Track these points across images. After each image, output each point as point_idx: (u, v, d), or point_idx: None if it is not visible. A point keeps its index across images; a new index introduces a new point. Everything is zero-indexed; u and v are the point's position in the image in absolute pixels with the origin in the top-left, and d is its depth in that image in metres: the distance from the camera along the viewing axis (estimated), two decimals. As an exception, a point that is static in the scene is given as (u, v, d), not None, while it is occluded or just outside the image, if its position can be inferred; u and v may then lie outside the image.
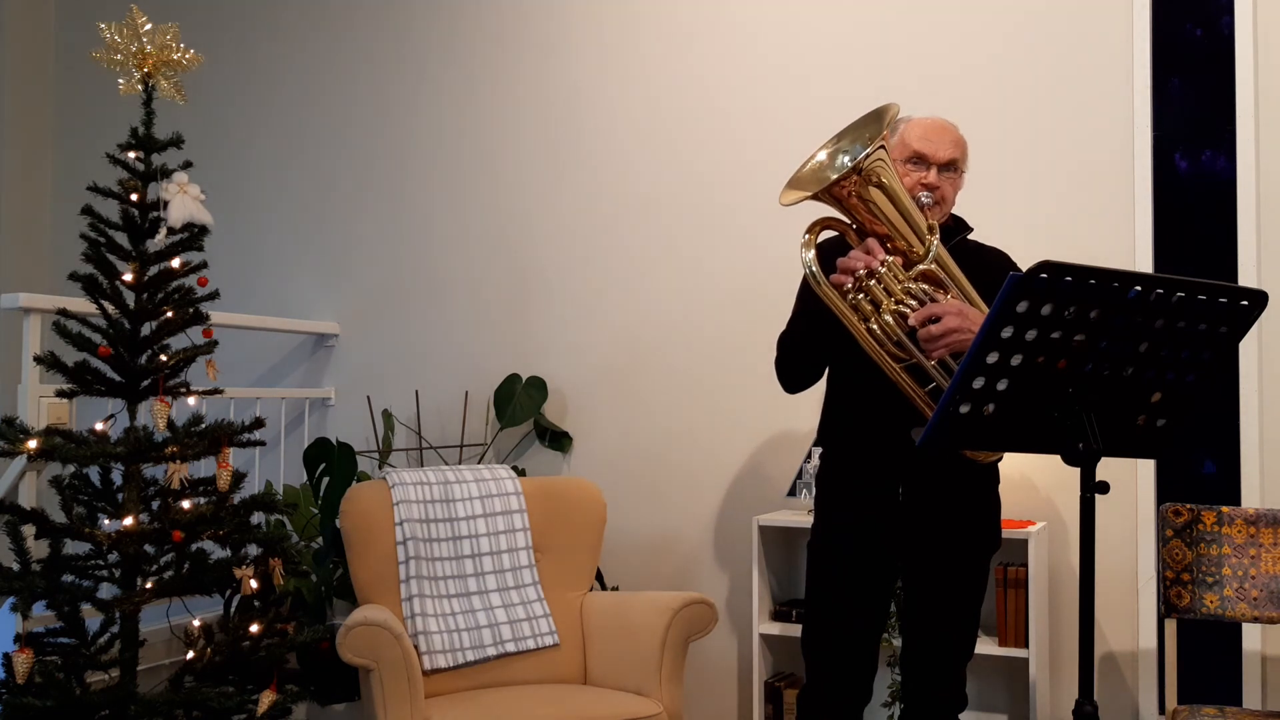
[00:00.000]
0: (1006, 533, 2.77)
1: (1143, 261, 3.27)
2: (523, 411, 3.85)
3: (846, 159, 2.21)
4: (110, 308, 2.65)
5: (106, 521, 2.68)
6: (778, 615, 3.40)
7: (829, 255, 2.31)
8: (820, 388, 2.58)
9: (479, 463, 3.95)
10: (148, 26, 2.70)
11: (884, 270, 2.22)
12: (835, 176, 2.19)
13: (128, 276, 2.67)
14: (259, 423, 2.79)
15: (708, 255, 3.81)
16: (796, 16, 3.72)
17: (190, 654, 2.67)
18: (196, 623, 2.75)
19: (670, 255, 3.86)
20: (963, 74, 3.50)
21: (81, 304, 2.75)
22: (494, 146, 4.16)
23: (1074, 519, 3.30)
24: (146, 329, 2.69)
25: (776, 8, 3.75)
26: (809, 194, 2.23)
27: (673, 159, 3.88)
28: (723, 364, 3.77)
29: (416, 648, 2.99)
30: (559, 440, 3.93)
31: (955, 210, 2.52)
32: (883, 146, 2.19)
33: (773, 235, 3.67)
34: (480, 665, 3.08)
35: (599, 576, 3.52)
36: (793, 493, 3.44)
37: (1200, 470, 3.24)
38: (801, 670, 2.95)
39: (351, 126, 4.42)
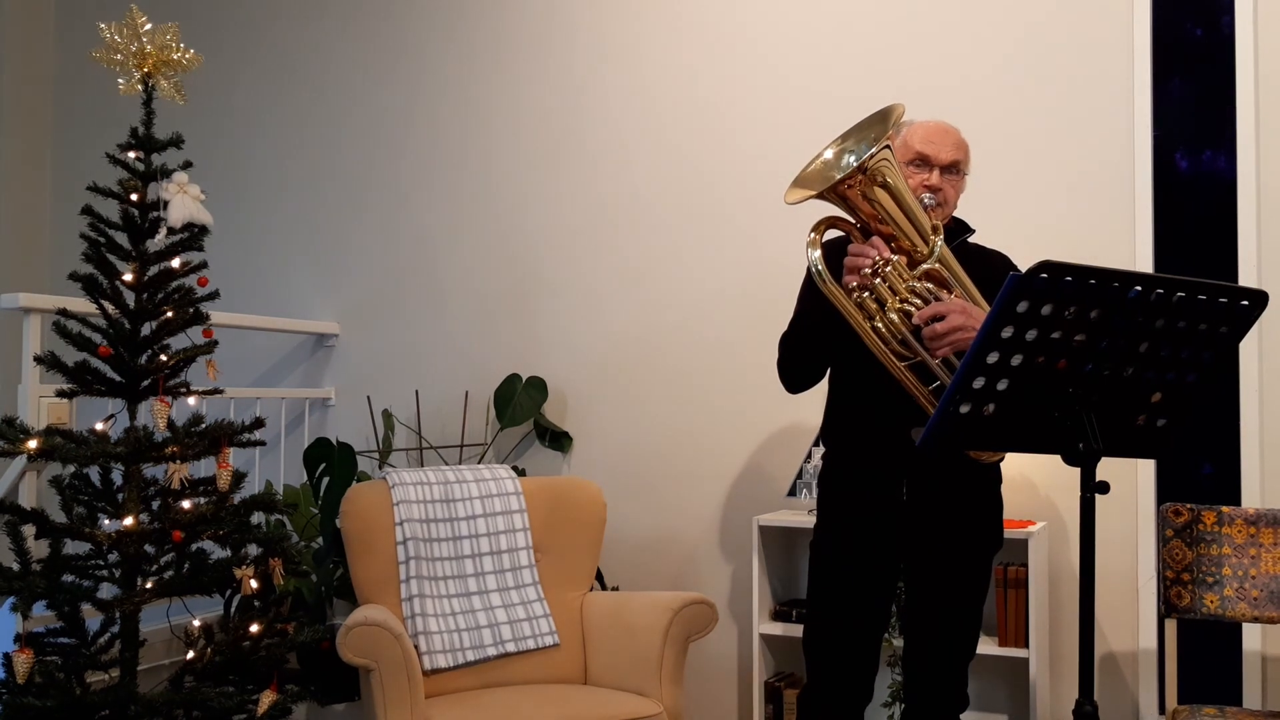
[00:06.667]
0: (1007, 533, 2.77)
1: (1143, 261, 3.27)
2: (523, 411, 3.85)
3: (852, 158, 2.21)
4: (110, 308, 2.65)
5: (106, 521, 2.67)
6: (778, 615, 3.40)
7: (833, 255, 2.31)
8: (822, 387, 2.58)
9: (479, 463, 3.95)
10: (148, 26, 2.70)
11: (889, 269, 2.23)
12: (840, 175, 2.20)
13: (128, 276, 2.67)
14: (259, 423, 2.79)
15: (708, 255, 3.81)
16: (798, 18, 3.72)
17: (190, 654, 2.67)
18: (196, 623, 2.75)
19: (671, 255, 3.86)
20: (963, 73, 3.49)
21: (81, 304, 2.75)
22: (494, 146, 4.16)
23: (1074, 519, 3.30)
24: (146, 329, 2.69)
25: (779, 10, 3.75)
26: (814, 193, 2.23)
27: (673, 159, 3.87)
28: (723, 364, 3.77)
29: (416, 648, 2.99)
30: (559, 440, 3.93)
31: (956, 213, 2.52)
32: (888, 146, 2.19)
33: (774, 235, 3.67)
34: (480, 665, 3.08)
35: (599, 576, 3.52)
36: (793, 493, 3.44)
37: (1200, 470, 3.24)
38: (802, 670, 2.95)
39: (352, 126, 4.42)
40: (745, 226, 3.75)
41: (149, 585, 2.60)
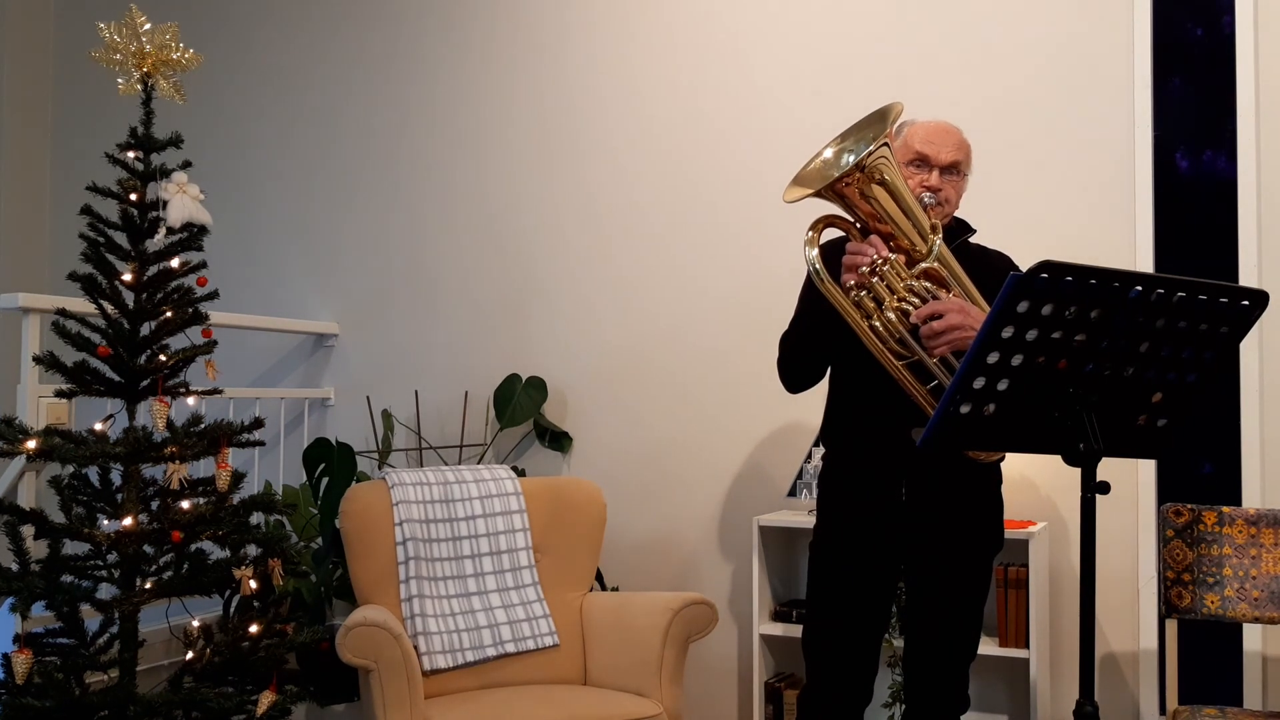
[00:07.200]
0: (1007, 533, 2.76)
1: (1144, 261, 3.27)
2: (523, 411, 3.85)
3: (851, 157, 2.21)
4: (109, 308, 2.64)
5: (106, 522, 2.67)
6: (778, 615, 3.40)
7: (831, 256, 2.31)
8: (822, 388, 2.58)
9: (479, 463, 3.95)
10: (147, 26, 2.69)
11: (886, 267, 2.23)
12: (839, 173, 2.20)
13: (127, 276, 2.67)
14: (258, 423, 2.79)
15: (708, 254, 3.81)
16: (793, 22, 3.72)
17: (189, 654, 2.67)
18: (196, 623, 2.74)
19: (670, 254, 3.86)
20: (963, 75, 3.49)
21: (80, 304, 2.75)
22: (494, 147, 4.15)
23: (1075, 519, 3.29)
24: (146, 329, 2.69)
25: (774, 16, 3.75)
26: (812, 191, 2.23)
27: (672, 159, 3.87)
28: (723, 364, 3.76)
29: (416, 648, 2.98)
30: (559, 440, 3.93)
31: (958, 213, 2.52)
32: (886, 144, 2.19)
33: (772, 234, 3.66)
34: (480, 665, 3.08)
35: (599, 577, 3.51)
36: (793, 493, 3.44)
37: (1201, 470, 3.24)
38: (802, 671, 2.95)
39: (351, 127, 4.42)
40: (744, 225, 3.75)
41: (148, 586, 2.60)
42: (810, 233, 2.27)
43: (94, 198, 2.66)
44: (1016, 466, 3.29)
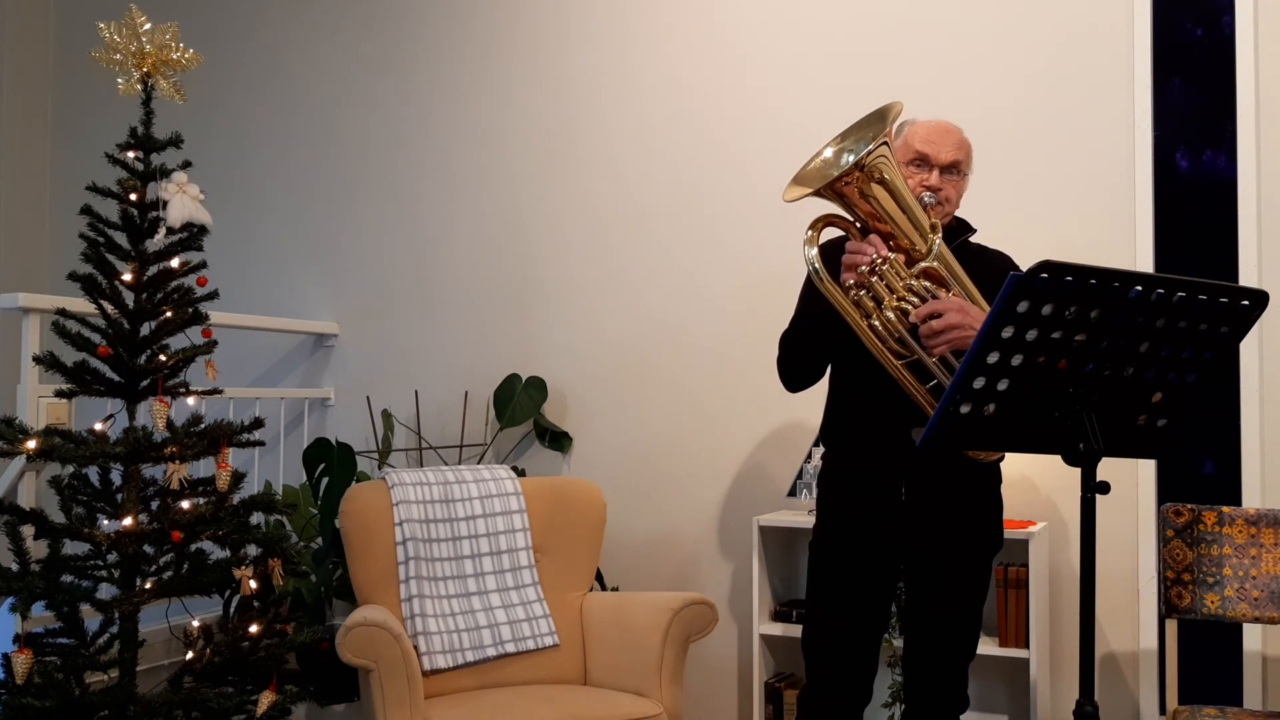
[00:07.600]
0: (1007, 533, 2.77)
1: (1143, 261, 3.27)
2: (523, 411, 3.85)
3: (850, 156, 2.21)
4: (109, 308, 2.65)
5: (106, 522, 2.67)
6: (778, 615, 3.40)
7: (831, 255, 2.32)
8: (822, 387, 2.58)
9: (479, 463, 3.95)
10: (147, 26, 2.69)
11: (886, 267, 2.23)
12: (838, 173, 2.20)
13: (127, 276, 2.67)
14: (258, 423, 2.79)
15: (708, 254, 3.81)
16: (793, 23, 3.72)
17: (189, 654, 2.67)
18: (196, 623, 2.75)
19: (670, 254, 3.86)
20: (962, 75, 3.49)
21: (81, 304, 2.75)
22: (493, 147, 4.15)
23: (1075, 519, 3.29)
24: (146, 329, 2.69)
25: (773, 15, 3.75)
26: (812, 190, 2.23)
27: (671, 159, 3.87)
28: (723, 364, 3.76)
29: (416, 648, 2.98)
30: (559, 440, 3.93)
31: (958, 212, 2.52)
32: (885, 143, 2.20)
33: (772, 234, 3.66)
34: (480, 665, 3.08)
35: (599, 577, 3.51)
36: (793, 493, 3.44)
37: (1201, 470, 3.24)
38: (802, 671, 2.95)
39: (351, 127, 4.42)
40: (744, 224, 3.75)
41: (148, 586, 2.60)
42: (810, 232, 2.27)
43: (94, 198, 2.66)
44: (1016, 466, 3.29)
